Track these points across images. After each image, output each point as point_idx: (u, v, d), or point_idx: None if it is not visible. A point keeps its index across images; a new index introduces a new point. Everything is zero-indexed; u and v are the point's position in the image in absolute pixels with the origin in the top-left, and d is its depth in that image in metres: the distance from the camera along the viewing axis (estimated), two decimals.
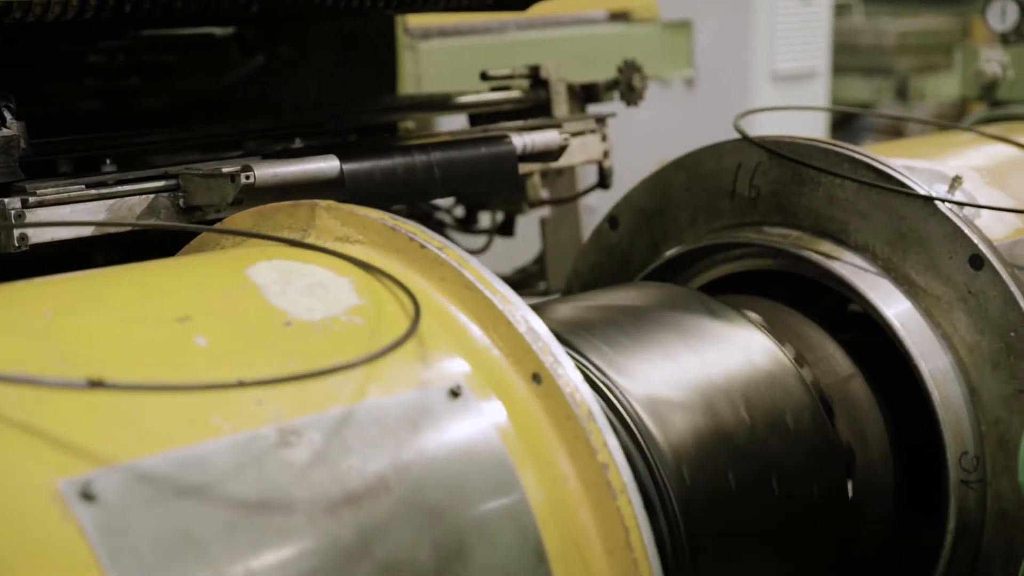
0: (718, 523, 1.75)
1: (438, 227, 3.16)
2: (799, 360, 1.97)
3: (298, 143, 2.39)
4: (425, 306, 1.47)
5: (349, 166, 2.00)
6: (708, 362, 1.87)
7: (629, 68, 2.85)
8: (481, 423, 1.40)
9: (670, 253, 2.32)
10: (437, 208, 3.16)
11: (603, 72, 2.86)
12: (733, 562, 1.78)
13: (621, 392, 1.74)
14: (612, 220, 2.44)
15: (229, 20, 2.96)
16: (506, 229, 3.00)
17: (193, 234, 1.76)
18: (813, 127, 6.49)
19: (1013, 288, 2.00)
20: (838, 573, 1.96)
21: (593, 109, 2.74)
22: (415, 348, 1.42)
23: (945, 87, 7.48)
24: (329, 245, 1.57)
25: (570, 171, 3.06)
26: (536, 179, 2.77)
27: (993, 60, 3.42)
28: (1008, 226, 2.17)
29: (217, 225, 1.75)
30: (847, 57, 7.81)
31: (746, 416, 1.83)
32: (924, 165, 2.26)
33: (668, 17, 4.53)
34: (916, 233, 2.08)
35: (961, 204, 2.08)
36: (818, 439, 1.90)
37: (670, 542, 1.69)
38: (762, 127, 6.25)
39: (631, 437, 1.70)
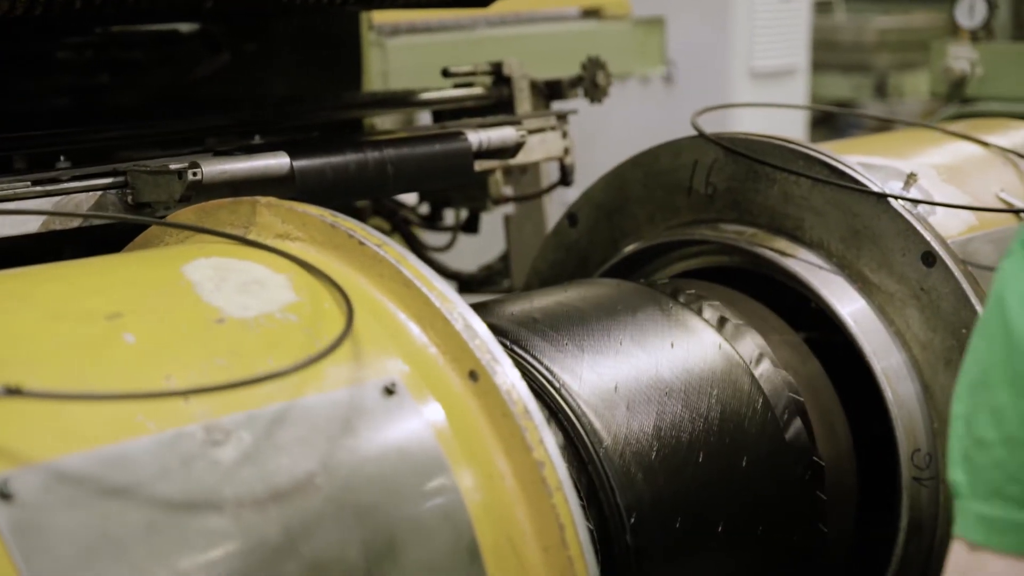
0: (667, 522, 1.74)
1: (404, 224, 3.15)
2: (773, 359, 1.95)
3: (258, 140, 2.38)
4: (362, 303, 1.46)
5: (299, 163, 1.98)
6: (659, 360, 1.86)
7: (593, 65, 2.84)
8: (415, 420, 1.39)
9: (628, 250, 2.32)
10: (402, 205, 3.14)
11: (575, 69, 2.86)
12: (682, 562, 1.77)
13: (567, 391, 1.73)
14: (571, 217, 2.44)
15: (184, 16, 2.94)
16: (470, 226, 2.98)
17: (138, 231, 1.75)
18: (794, 124, 6.49)
19: (965, 285, 1.99)
20: (795, 571, 1.96)
21: (564, 106, 2.73)
22: (350, 346, 1.40)
23: (924, 84, 7.47)
24: (269, 242, 1.55)
25: (535, 168, 3.06)
26: (498, 176, 2.75)
27: (962, 57, 3.42)
28: (963, 223, 2.15)
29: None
30: (827, 54, 7.81)
31: (696, 414, 1.82)
32: (882, 162, 2.25)
33: (647, 14, 4.52)
34: (870, 230, 2.07)
35: (914, 201, 2.08)
36: (769, 437, 1.90)
37: (616, 540, 1.68)
38: (740, 124, 6.27)
39: (576, 435, 1.69)
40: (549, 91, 2.81)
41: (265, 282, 1.44)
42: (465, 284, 3.20)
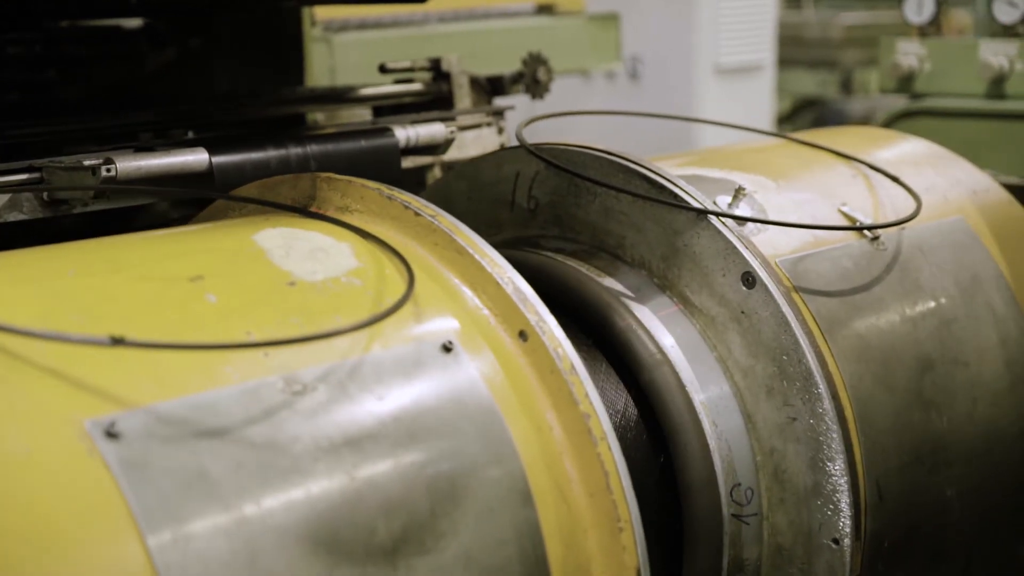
0: None
1: None
2: None
3: (191, 135, 2.51)
4: (419, 268, 1.71)
5: (218, 159, 2.08)
6: None
7: (534, 61, 3.01)
8: (471, 375, 1.64)
9: None
10: None
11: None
12: None
13: None
14: None
15: (113, 11, 3.11)
16: None
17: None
18: (760, 121, 6.86)
19: (785, 308, 1.99)
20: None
21: (505, 102, 2.92)
22: (411, 307, 1.65)
23: None
24: (330, 214, 1.82)
25: None
26: (436, 172, 2.89)
27: (910, 53, 3.77)
28: (797, 240, 2.14)
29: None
30: (794, 50, 8.26)
31: None
32: (719, 175, 2.27)
33: (614, 9, 4.84)
34: (690, 248, 2.07)
35: (735, 218, 2.08)
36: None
37: None
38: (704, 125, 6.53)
39: None
40: (491, 87, 2.98)
41: (329, 250, 1.69)
42: None
